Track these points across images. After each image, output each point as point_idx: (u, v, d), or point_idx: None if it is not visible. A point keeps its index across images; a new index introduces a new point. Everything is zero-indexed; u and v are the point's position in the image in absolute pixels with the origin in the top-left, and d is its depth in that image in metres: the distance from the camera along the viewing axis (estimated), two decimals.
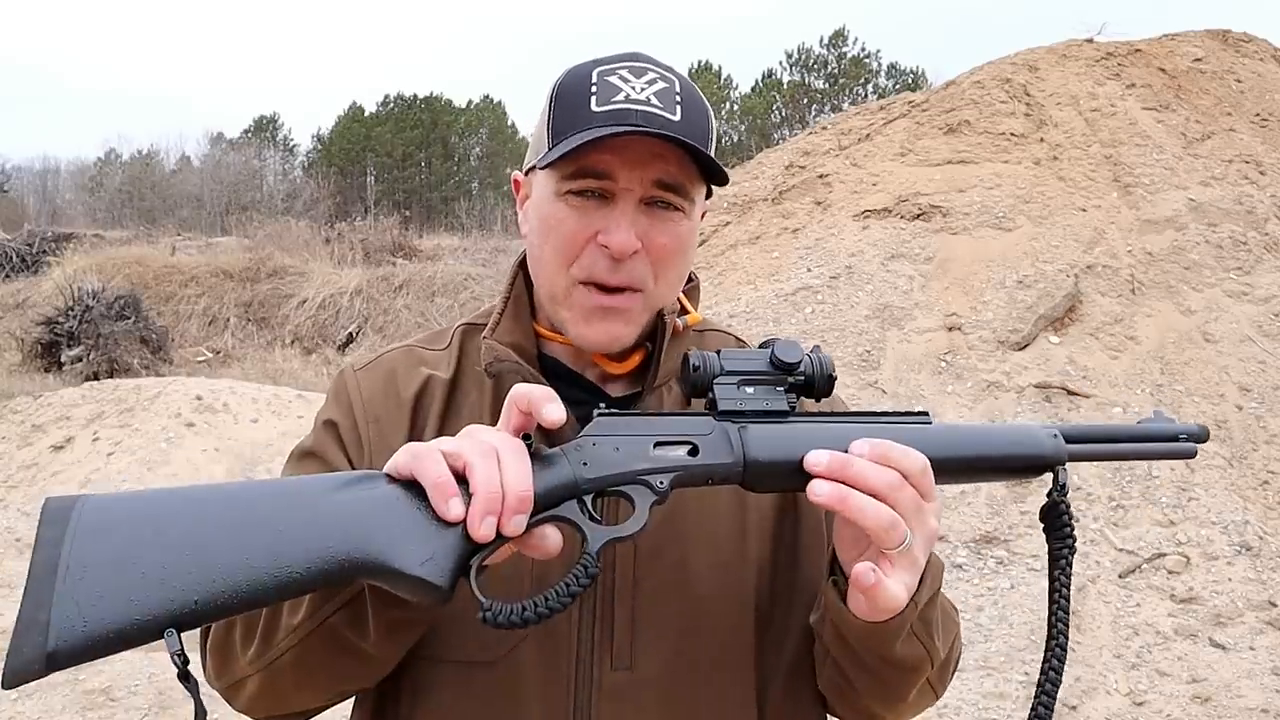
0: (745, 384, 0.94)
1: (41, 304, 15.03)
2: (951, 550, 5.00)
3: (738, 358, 0.95)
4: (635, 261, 1.03)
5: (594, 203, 1.02)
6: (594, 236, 1.02)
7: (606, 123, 0.99)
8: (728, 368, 0.94)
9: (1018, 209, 6.96)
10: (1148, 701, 4.10)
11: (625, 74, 1.04)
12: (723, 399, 0.93)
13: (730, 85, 47.70)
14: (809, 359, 0.95)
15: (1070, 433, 1.01)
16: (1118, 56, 8.24)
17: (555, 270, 1.05)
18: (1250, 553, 4.88)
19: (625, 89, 1.02)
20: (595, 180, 1.02)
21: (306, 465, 1.10)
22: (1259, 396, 5.74)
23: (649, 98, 1.02)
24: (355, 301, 16.50)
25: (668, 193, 1.03)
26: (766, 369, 0.94)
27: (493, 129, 51.46)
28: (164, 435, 7.75)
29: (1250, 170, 7.26)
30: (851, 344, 6.20)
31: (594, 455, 0.88)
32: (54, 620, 0.72)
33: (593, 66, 1.06)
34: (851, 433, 0.92)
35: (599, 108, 1.01)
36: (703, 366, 0.94)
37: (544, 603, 0.81)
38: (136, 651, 4.84)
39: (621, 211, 1.02)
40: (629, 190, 1.02)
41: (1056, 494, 1.01)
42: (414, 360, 1.14)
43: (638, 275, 1.03)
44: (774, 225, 7.75)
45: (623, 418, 0.92)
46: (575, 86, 1.04)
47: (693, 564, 1.05)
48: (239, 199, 36.15)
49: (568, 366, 1.12)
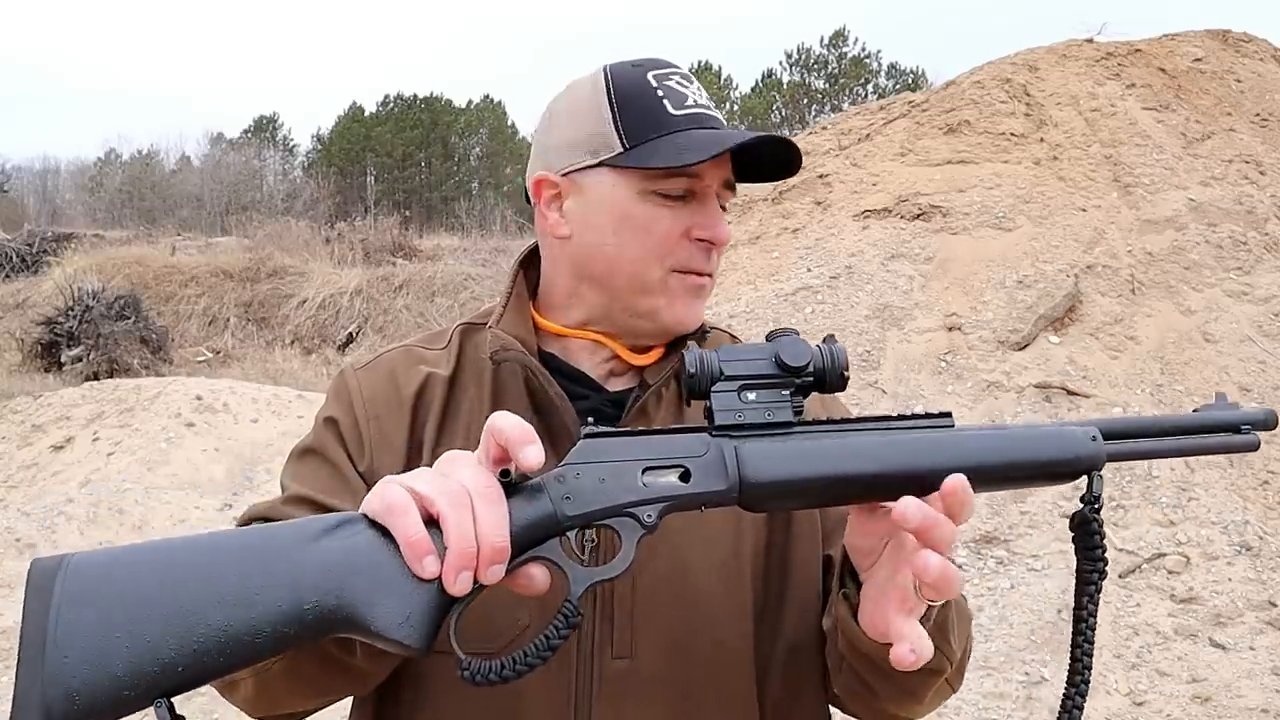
0: (746, 389, 0.87)
1: (41, 304, 15.04)
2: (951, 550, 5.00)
3: (738, 358, 0.88)
4: (713, 251, 1.10)
5: (680, 201, 1.07)
6: (686, 232, 1.07)
7: (690, 125, 1.06)
8: (727, 371, 0.87)
9: (1018, 209, 6.96)
10: (1148, 701, 4.10)
11: (680, 79, 1.10)
12: (720, 410, 0.86)
13: (730, 85, 47.70)
14: (819, 353, 0.88)
15: (1111, 428, 0.90)
16: (1118, 56, 8.24)
17: (647, 265, 1.08)
18: (1250, 553, 4.88)
19: (689, 93, 1.09)
20: (688, 181, 1.06)
21: (307, 462, 1.10)
22: (1259, 396, 5.74)
23: (708, 103, 1.10)
24: (355, 301, 16.50)
25: (729, 191, 1.11)
26: (770, 371, 0.87)
27: (493, 129, 51.45)
28: (164, 435, 7.75)
29: (1250, 170, 7.26)
30: (851, 344, 6.20)
31: (577, 488, 0.83)
32: (46, 697, 0.73)
33: (640, 70, 1.10)
34: (864, 446, 0.85)
35: (676, 111, 1.06)
36: (699, 371, 0.87)
37: (523, 659, 0.80)
38: None
39: (714, 208, 1.09)
40: (710, 188, 1.08)
41: (1089, 506, 0.89)
42: (413, 359, 1.15)
43: (714, 264, 1.11)
44: (774, 225, 7.76)
45: (610, 440, 0.85)
46: (636, 88, 1.08)
47: (688, 554, 1.06)
48: (239, 199, 36.15)
49: (565, 362, 1.14)
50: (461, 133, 50.75)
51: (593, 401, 1.11)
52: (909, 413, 0.90)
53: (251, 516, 1.07)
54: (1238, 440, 0.93)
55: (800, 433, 0.86)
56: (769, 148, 1.08)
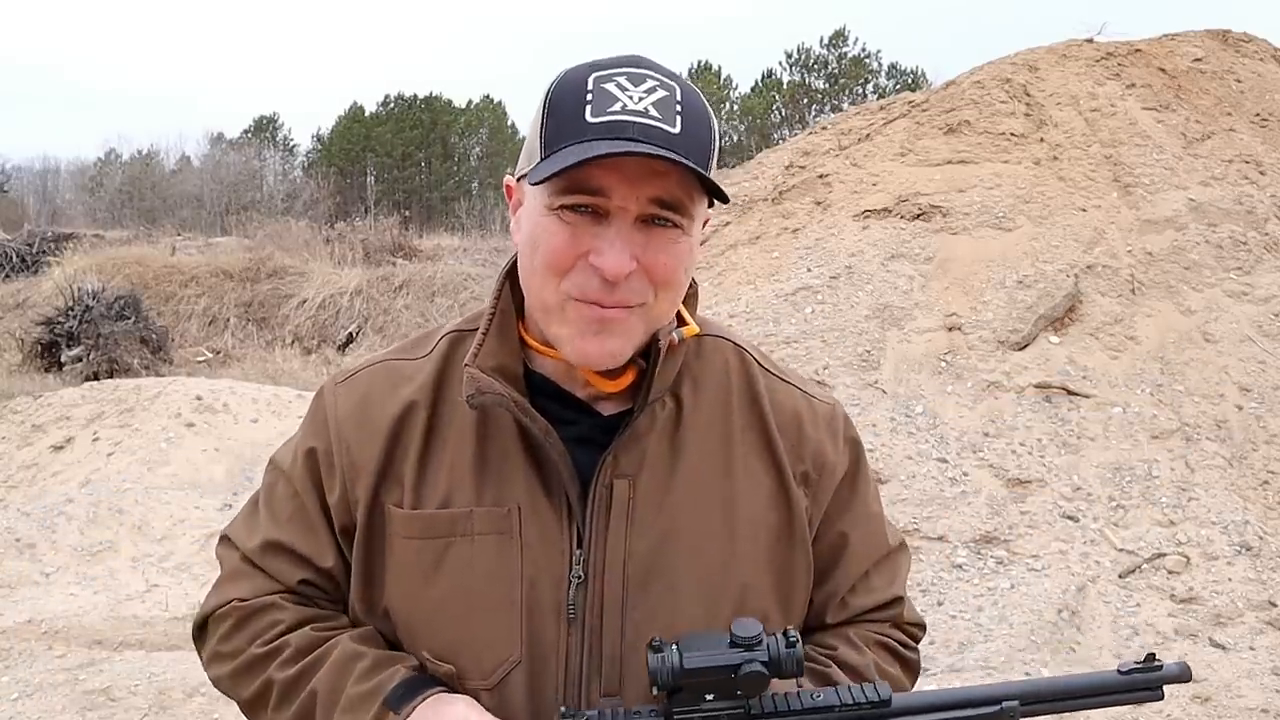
0: (706, 692, 0.94)
1: (41, 304, 15.03)
2: (951, 550, 5.00)
3: (702, 664, 0.93)
4: (631, 280, 0.98)
5: (587, 218, 0.97)
6: (585, 254, 0.97)
7: (602, 135, 0.94)
8: (688, 665, 0.92)
9: (1018, 209, 6.96)
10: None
11: (623, 81, 0.98)
12: (678, 709, 0.94)
13: (730, 85, 47.67)
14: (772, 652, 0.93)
15: (1029, 694, 1.00)
16: (1118, 56, 8.24)
17: (544, 285, 1.00)
18: (1250, 553, 4.88)
19: (622, 98, 0.96)
20: (589, 196, 0.96)
21: (278, 492, 1.15)
22: (1259, 396, 5.74)
23: (647, 108, 0.96)
24: (355, 301, 16.50)
25: (666, 210, 0.98)
26: (727, 680, 0.93)
27: (493, 129, 51.42)
28: (164, 435, 7.75)
29: (1250, 170, 7.26)
30: (851, 344, 6.20)
31: None
32: None
33: (589, 71, 1.00)
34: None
35: (594, 118, 0.95)
36: (662, 680, 0.92)
37: None
38: (136, 651, 4.84)
39: (616, 231, 0.96)
40: (624, 209, 0.97)
41: None
42: (393, 380, 1.12)
43: (635, 293, 0.99)
44: (774, 225, 7.75)
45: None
46: (570, 93, 0.98)
47: (681, 592, 1.05)
48: (239, 199, 36.13)
49: (556, 385, 1.09)
50: (461, 133, 50.72)
51: (582, 428, 1.07)
52: (853, 696, 0.98)
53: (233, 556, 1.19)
54: (1150, 696, 1.03)
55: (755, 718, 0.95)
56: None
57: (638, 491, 1.05)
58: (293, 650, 1.08)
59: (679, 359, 1.09)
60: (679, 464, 1.08)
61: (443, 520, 1.05)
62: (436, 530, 1.05)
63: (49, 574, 5.83)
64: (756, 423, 1.12)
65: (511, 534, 1.04)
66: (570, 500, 1.04)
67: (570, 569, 1.03)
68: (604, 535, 1.04)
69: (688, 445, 1.09)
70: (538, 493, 1.05)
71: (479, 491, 1.05)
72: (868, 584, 1.16)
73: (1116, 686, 1.01)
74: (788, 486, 1.11)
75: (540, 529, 1.04)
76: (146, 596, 5.63)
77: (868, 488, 1.19)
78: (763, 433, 1.12)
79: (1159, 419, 5.67)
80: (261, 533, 1.14)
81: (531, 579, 1.03)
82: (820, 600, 1.15)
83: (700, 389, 1.12)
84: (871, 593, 1.16)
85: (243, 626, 1.12)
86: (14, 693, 4.39)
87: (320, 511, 1.11)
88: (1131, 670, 1.01)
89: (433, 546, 1.05)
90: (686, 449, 1.09)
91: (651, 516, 1.06)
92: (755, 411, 1.13)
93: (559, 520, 1.05)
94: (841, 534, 1.15)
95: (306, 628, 1.10)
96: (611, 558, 1.04)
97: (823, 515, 1.14)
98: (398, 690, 1.02)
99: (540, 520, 1.04)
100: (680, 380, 1.11)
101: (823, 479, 1.13)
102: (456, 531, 1.05)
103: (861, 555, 1.16)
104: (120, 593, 5.65)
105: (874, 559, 1.17)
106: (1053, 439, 5.56)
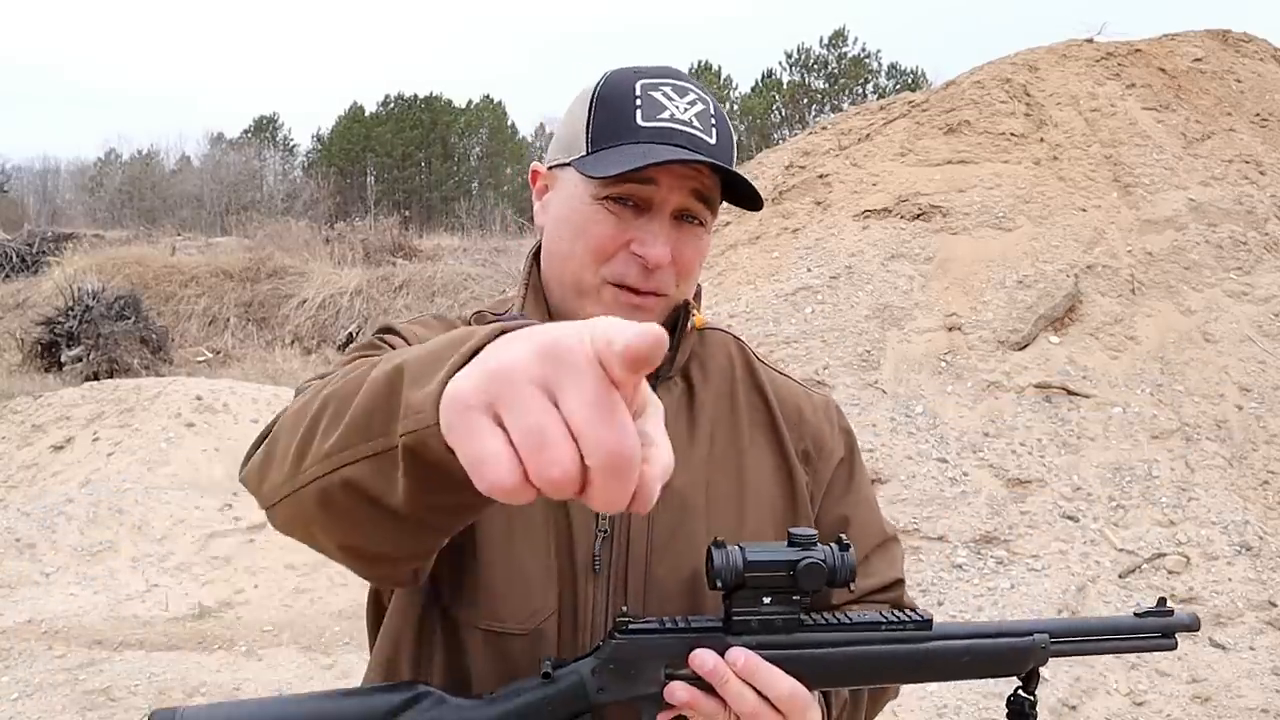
0: (763, 595, 0.97)
1: (41, 304, 15.04)
2: (951, 550, 5.00)
3: (763, 569, 0.95)
4: (664, 271, 1.06)
5: (630, 210, 1.06)
6: (627, 244, 1.06)
7: (654, 139, 1.03)
8: (750, 583, 0.95)
9: (1018, 209, 6.96)
10: (1148, 701, 4.10)
11: (669, 91, 1.07)
12: (737, 612, 0.97)
13: (730, 85, 47.68)
14: (831, 560, 0.97)
15: (1058, 630, 1.07)
16: (1118, 56, 8.24)
17: (583, 267, 1.07)
18: (1250, 553, 4.88)
19: (670, 107, 1.05)
20: (638, 187, 1.05)
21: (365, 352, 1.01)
22: (1259, 396, 5.74)
23: (691, 119, 1.05)
24: (355, 301, 16.50)
25: (700, 205, 1.07)
26: (787, 585, 0.96)
27: (493, 129, 51.44)
28: (164, 435, 7.75)
29: (1250, 170, 7.26)
30: (851, 344, 6.20)
31: (609, 681, 0.95)
32: None
33: (635, 77, 1.08)
34: (851, 658, 0.98)
35: (645, 122, 1.04)
36: (727, 577, 0.95)
37: None
38: (136, 651, 4.85)
39: (659, 224, 1.06)
40: (665, 203, 1.06)
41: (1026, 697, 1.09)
42: (443, 324, 1.14)
43: (665, 283, 1.08)
44: (774, 225, 7.75)
45: (638, 638, 0.96)
46: (619, 94, 1.07)
47: (700, 550, 1.07)
48: (239, 199, 36.15)
49: None
50: (461, 133, 50.73)
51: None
52: (895, 615, 1.03)
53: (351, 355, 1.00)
54: (1164, 643, 1.11)
55: (806, 629, 0.99)
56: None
57: None
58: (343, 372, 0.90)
59: (689, 344, 1.17)
60: (694, 435, 1.13)
61: None
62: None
63: (49, 574, 5.83)
64: (760, 403, 1.19)
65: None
66: None
67: (596, 523, 1.07)
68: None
69: (700, 419, 1.15)
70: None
71: None
72: (869, 566, 1.20)
73: (1131, 628, 1.10)
74: (790, 462, 1.17)
75: None
76: (146, 596, 5.64)
77: (863, 476, 1.25)
78: (766, 411, 1.19)
79: (1159, 419, 5.67)
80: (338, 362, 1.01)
81: (565, 528, 1.06)
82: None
83: (707, 371, 1.19)
84: (873, 575, 1.19)
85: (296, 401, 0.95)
86: (14, 693, 4.39)
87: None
88: (1146, 613, 1.10)
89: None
90: (699, 423, 1.14)
91: (671, 479, 1.07)
92: (759, 393, 1.20)
93: None
94: (842, 517, 1.19)
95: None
96: (636, 515, 1.05)
97: (822, 498, 1.19)
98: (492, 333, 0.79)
99: None
100: (689, 364, 1.18)
101: (821, 459, 1.19)
102: None
103: (862, 538, 1.19)
104: (120, 593, 5.65)
105: (874, 543, 1.22)
106: (1053, 439, 5.56)
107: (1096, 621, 1.10)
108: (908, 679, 1.03)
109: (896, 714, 3.89)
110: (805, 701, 0.95)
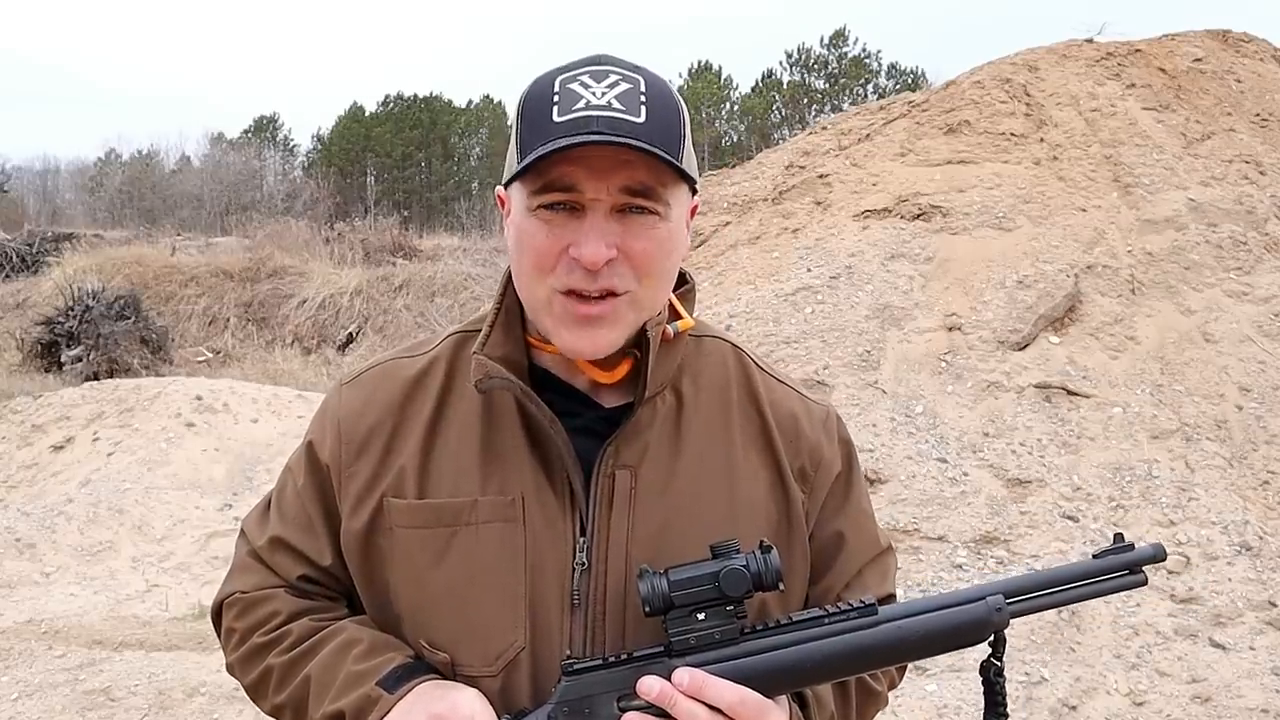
0: (697, 611, 0.97)
1: (41, 304, 15.05)
2: (951, 550, 5.00)
3: (686, 587, 0.97)
4: (613, 268, 1.01)
5: (564, 215, 1.01)
6: (566, 249, 1.01)
7: (567, 132, 0.97)
8: (678, 601, 0.97)
9: (1018, 209, 6.96)
10: (1148, 701, 4.10)
11: (586, 79, 1.02)
12: (675, 634, 0.98)
13: (730, 85, 47.60)
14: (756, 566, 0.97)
15: (1013, 588, 1.04)
16: (1118, 56, 8.24)
17: (533, 282, 1.04)
18: (1250, 553, 4.88)
19: (586, 95, 1.00)
20: (562, 193, 1.00)
21: (287, 490, 1.18)
22: (1259, 396, 5.74)
23: (610, 101, 0.99)
24: (355, 301, 16.50)
25: (638, 198, 1.01)
26: (715, 596, 0.97)
27: (493, 129, 51.40)
28: (164, 435, 7.75)
29: (1250, 170, 7.26)
30: (851, 344, 6.20)
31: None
32: None
33: (556, 75, 1.04)
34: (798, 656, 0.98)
35: (560, 117, 0.99)
36: (654, 604, 0.97)
37: None
38: (136, 651, 4.84)
39: (591, 224, 1.00)
40: (597, 200, 1.00)
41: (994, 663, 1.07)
42: (397, 376, 1.16)
43: (619, 280, 1.02)
44: (774, 225, 7.75)
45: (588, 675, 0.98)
46: (538, 97, 1.03)
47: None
48: (239, 199, 36.13)
49: (559, 378, 1.12)
50: (461, 133, 50.71)
51: (585, 420, 1.10)
52: (837, 608, 1.03)
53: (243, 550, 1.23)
54: (1131, 580, 1.07)
55: (748, 636, 0.99)
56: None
57: (639, 482, 1.08)
58: (293, 638, 1.12)
59: (678, 354, 1.13)
60: (681, 456, 1.11)
61: (448, 509, 1.08)
62: (441, 519, 1.08)
63: (49, 574, 5.83)
64: (755, 419, 1.16)
65: (516, 522, 1.06)
66: (573, 489, 1.07)
67: (574, 556, 1.06)
68: (606, 524, 1.06)
69: (689, 438, 1.12)
70: (542, 481, 1.08)
71: (484, 481, 1.08)
72: (862, 581, 1.19)
73: (1092, 571, 1.06)
74: (786, 481, 1.14)
75: (544, 517, 1.07)
76: (146, 596, 5.64)
77: (860, 488, 1.23)
78: (761, 429, 1.16)
79: (1159, 419, 5.67)
80: (269, 530, 1.18)
81: (536, 566, 1.06)
82: (816, 597, 1.18)
83: (700, 385, 1.15)
84: (865, 590, 1.18)
85: (245, 616, 1.17)
86: (14, 693, 4.39)
87: (321, 511, 1.15)
88: (1105, 552, 1.07)
89: (437, 536, 1.07)
90: (688, 442, 1.12)
91: (653, 507, 1.08)
92: (754, 408, 1.16)
93: (562, 508, 1.07)
94: (838, 533, 1.18)
95: (305, 618, 1.14)
96: (614, 546, 1.06)
97: (819, 514, 1.17)
98: (395, 673, 1.05)
99: (544, 508, 1.07)
100: (680, 375, 1.14)
101: (819, 475, 1.17)
102: (461, 520, 1.07)
103: (856, 553, 1.19)
104: (120, 593, 5.65)
105: (867, 557, 1.21)
106: (1053, 439, 5.56)
107: (1053, 572, 1.06)
108: (864, 667, 1.02)
109: (897, 714, 3.89)
110: (758, 705, 0.96)
